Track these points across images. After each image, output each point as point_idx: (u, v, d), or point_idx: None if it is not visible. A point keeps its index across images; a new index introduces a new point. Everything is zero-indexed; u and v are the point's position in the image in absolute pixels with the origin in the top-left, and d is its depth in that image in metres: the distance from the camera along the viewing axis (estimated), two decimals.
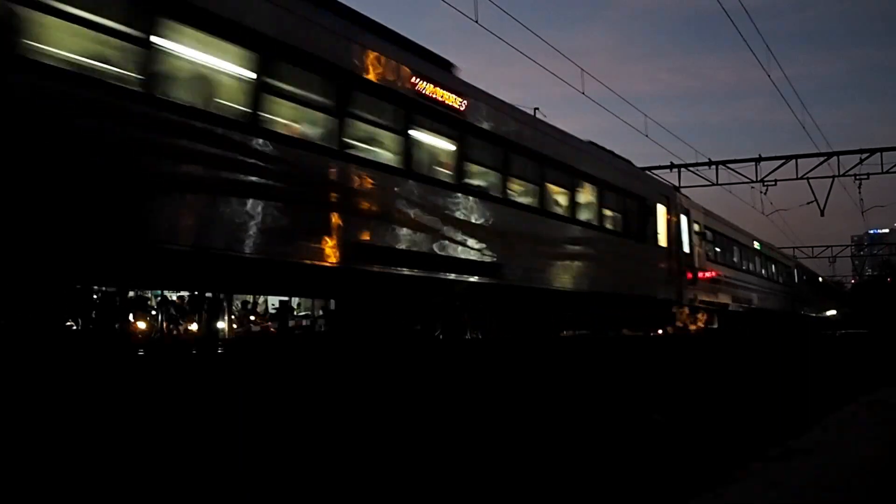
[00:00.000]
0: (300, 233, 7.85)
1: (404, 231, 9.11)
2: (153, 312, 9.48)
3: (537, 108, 20.71)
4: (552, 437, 4.36)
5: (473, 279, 10.37)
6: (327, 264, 8.19)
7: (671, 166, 29.94)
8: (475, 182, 10.78)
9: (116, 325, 7.34)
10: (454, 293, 10.33)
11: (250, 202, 7.20)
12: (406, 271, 9.23)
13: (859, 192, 31.46)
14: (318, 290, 9.71)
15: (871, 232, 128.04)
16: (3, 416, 4.82)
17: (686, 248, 19.43)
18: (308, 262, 8.00)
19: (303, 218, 7.88)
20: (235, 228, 7.07)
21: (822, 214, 30.97)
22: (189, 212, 6.76)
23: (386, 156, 9.09)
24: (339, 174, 8.37)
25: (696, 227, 20.63)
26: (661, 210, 17.87)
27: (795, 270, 41.54)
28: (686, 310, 19.71)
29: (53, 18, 5.83)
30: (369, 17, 9.53)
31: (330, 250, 8.25)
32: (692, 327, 20.60)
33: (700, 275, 20.41)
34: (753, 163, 29.39)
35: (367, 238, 8.64)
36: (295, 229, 7.78)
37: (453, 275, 10.00)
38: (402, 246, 9.12)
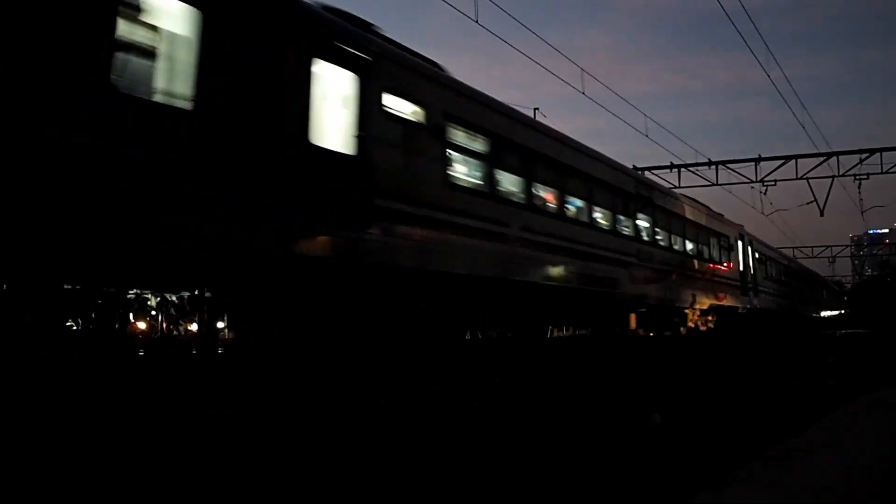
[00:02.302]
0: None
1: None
2: (153, 313, 9.46)
3: (537, 109, 20.77)
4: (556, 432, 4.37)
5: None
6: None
7: (671, 166, 29.95)
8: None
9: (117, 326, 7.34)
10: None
11: None
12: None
13: (859, 192, 31.53)
14: None
15: (871, 232, 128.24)
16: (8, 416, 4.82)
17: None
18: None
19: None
20: None
21: (822, 214, 30.98)
22: None
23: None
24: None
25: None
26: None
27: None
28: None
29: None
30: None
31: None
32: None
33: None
34: (753, 163, 29.41)
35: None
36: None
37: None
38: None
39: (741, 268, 24.97)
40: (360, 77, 8.23)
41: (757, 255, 27.92)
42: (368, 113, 8.28)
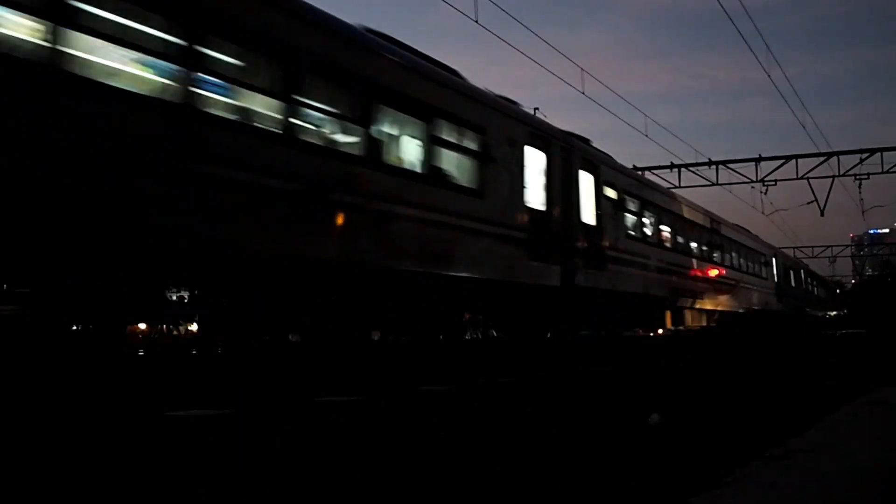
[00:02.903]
0: None
1: None
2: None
3: (537, 108, 20.46)
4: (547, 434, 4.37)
5: None
6: None
7: (671, 166, 30.04)
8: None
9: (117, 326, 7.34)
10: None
11: None
12: None
13: (859, 192, 31.57)
14: None
15: (871, 232, 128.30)
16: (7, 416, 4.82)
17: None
18: None
19: None
20: None
21: (822, 214, 31.02)
22: None
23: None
24: None
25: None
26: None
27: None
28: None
29: None
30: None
31: None
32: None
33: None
34: (753, 163, 29.49)
35: None
36: None
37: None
38: None
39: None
40: None
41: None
42: None
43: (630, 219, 16.53)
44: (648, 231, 17.80)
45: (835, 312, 58.86)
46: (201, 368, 7.53)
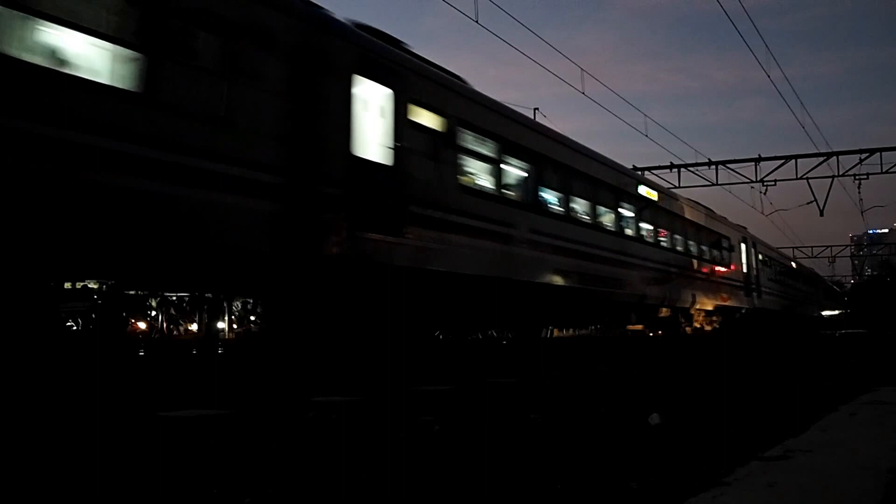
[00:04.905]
0: None
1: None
2: (153, 312, 9.45)
3: (537, 109, 20.64)
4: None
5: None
6: None
7: (671, 166, 30.02)
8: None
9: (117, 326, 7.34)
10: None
11: None
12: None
13: (859, 192, 31.60)
14: None
15: (871, 232, 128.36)
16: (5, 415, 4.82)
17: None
18: None
19: None
20: None
21: (822, 214, 31.00)
22: None
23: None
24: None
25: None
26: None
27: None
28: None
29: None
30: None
31: None
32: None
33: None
34: (753, 163, 29.47)
35: None
36: None
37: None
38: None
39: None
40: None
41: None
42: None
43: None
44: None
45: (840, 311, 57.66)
46: (201, 368, 7.53)
